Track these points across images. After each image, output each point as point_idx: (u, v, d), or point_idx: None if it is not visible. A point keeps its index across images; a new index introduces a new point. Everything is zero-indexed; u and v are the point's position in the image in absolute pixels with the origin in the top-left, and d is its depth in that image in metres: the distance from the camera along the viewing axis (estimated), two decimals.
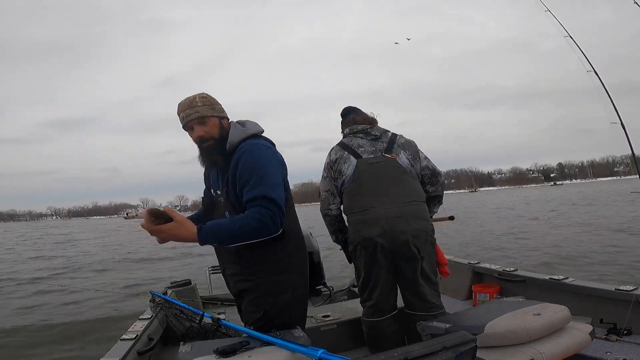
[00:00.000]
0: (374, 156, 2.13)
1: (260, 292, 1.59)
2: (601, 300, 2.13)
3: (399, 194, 2.07)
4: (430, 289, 2.08)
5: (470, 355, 1.18)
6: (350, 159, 2.14)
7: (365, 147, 2.16)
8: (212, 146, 1.60)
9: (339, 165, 2.16)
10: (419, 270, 2.04)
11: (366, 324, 2.19)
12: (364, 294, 2.16)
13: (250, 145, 1.57)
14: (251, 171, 1.50)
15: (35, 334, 5.30)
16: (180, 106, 1.60)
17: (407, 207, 2.06)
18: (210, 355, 1.29)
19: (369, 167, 2.11)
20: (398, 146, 2.18)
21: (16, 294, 8.15)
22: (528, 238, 10.58)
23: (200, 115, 1.57)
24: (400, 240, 2.01)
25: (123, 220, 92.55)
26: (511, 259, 7.40)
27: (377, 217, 2.03)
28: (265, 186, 1.47)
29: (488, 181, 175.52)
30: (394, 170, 2.12)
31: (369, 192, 2.09)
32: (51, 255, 16.25)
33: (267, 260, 1.59)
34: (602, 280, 4.63)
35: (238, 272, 1.64)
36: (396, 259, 2.05)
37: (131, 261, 12.59)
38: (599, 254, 7.45)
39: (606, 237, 9.52)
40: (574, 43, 3.61)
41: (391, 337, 2.13)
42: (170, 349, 2.43)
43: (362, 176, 2.11)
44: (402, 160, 2.15)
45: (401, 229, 2.01)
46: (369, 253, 2.06)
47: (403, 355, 1.07)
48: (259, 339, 1.41)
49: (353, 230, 2.13)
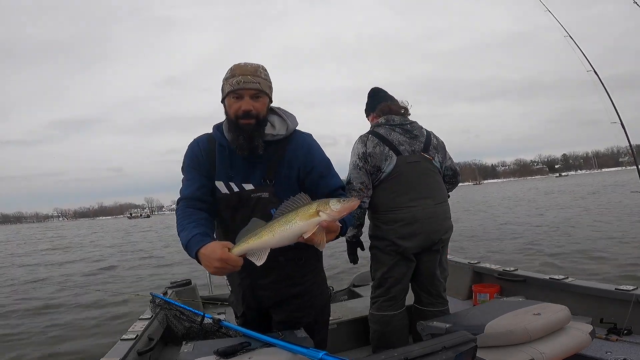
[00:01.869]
0: (414, 155, 2.14)
1: (310, 294, 1.53)
2: (601, 300, 2.13)
3: (434, 194, 2.14)
4: (443, 284, 2.22)
5: (470, 355, 1.18)
6: (391, 156, 2.10)
7: (405, 145, 2.14)
8: (252, 126, 1.39)
9: (377, 160, 2.11)
10: (437, 264, 2.17)
11: (376, 319, 2.19)
12: (381, 288, 2.18)
13: (309, 135, 1.52)
14: (328, 162, 1.50)
15: (34, 334, 5.30)
16: (240, 68, 1.40)
17: (441, 207, 2.15)
18: (210, 356, 1.29)
19: (408, 166, 2.11)
20: (433, 147, 2.21)
21: (18, 295, 8.15)
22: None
23: (259, 88, 1.39)
24: (433, 239, 2.10)
25: (127, 219, 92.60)
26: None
27: (415, 216, 2.07)
28: (339, 177, 1.50)
29: (492, 173, 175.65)
30: (430, 170, 2.16)
31: (408, 191, 2.09)
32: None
33: (313, 259, 1.54)
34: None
35: (283, 277, 1.49)
36: (422, 254, 2.14)
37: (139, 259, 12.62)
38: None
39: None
40: (574, 43, 3.60)
41: (401, 332, 2.17)
42: (170, 349, 2.43)
43: (402, 174, 2.10)
44: (437, 162, 2.20)
45: (436, 229, 2.11)
46: (401, 251, 2.09)
47: (403, 355, 1.07)
48: (260, 340, 1.40)
49: (388, 227, 2.12)
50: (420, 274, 2.18)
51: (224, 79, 1.43)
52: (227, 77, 1.41)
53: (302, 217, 1.21)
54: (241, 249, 1.25)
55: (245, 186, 1.44)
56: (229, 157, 1.46)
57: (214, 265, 1.23)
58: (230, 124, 1.42)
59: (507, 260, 6.70)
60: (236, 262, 1.24)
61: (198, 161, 1.49)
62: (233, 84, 1.38)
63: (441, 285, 2.20)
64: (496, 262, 3.12)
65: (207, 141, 1.51)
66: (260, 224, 1.26)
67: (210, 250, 1.25)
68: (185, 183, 1.50)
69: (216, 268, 1.24)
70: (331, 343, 2.35)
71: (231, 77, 1.39)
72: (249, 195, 1.44)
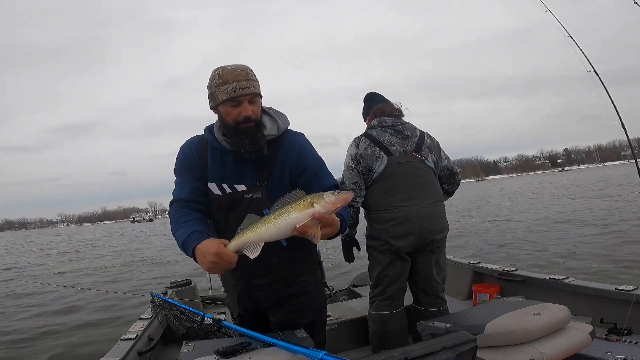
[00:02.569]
0: (405, 155, 2.16)
1: (308, 295, 1.53)
2: (601, 300, 2.13)
3: (427, 194, 2.14)
4: (441, 284, 2.21)
5: (470, 355, 1.18)
6: (382, 156, 2.14)
7: (397, 146, 2.17)
8: (253, 129, 1.38)
9: (369, 161, 2.15)
10: (433, 264, 2.16)
11: (375, 319, 2.20)
12: (378, 288, 2.19)
13: (301, 134, 1.51)
14: (320, 160, 1.50)
15: (35, 334, 5.30)
16: (230, 74, 1.36)
17: (434, 207, 2.15)
18: (210, 356, 1.29)
19: (399, 166, 2.14)
20: (427, 147, 2.22)
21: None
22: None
23: (255, 92, 1.38)
24: (427, 239, 2.11)
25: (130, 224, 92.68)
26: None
27: (408, 216, 2.08)
28: (332, 176, 1.51)
29: (494, 169, 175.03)
30: (423, 170, 2.17)
31: (400, 191, 2.12)
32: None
33: (309, 260, 1.55)
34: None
35: (279, 278, 1.49)
36: (417, 254, 2.15)
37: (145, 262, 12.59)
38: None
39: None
40: (574, 43, 3.60)
41: (401, 332, 2.17)
42: (170, 349, 2.43)
43: (393, 174, 2.13)
44: (430, 161, 2.21)
45: (430, 228, 2.11)
46: (394, 250, 2.11)
47: (403, 355, 1.07)
48: (260, 340, 1.40)
49: (380, 227, 2.15)
50: (416, 274, 2.19)
51: (214, 86, 1.39)
52: (219, 84, 1.38)
53: (296, 209, 1.20)
54: (236, 243, 1.25)
55: (238, 187, 1.44)
56: (221, 159, 1.46)
57: (208, 260, 1.22)
58: (230, 129, 1.40)
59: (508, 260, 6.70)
60: (230, 257, 1.23)
61: (190, 163, 1.48)
62: (229, 92, 1.36)
63: (438, 286, 2.20)
64: (496, 262, 3.12)
65: (199, 143, 1.50)
66: (255, 219, 1.25)
67: (206, 245, 1.24)
68: (178, 185, 1.48)
69: (211, 263, 1.22)
70: (331, 343, 2.35)
71: (224, 84, 1.36)
72: (241, 196, 1.44)
